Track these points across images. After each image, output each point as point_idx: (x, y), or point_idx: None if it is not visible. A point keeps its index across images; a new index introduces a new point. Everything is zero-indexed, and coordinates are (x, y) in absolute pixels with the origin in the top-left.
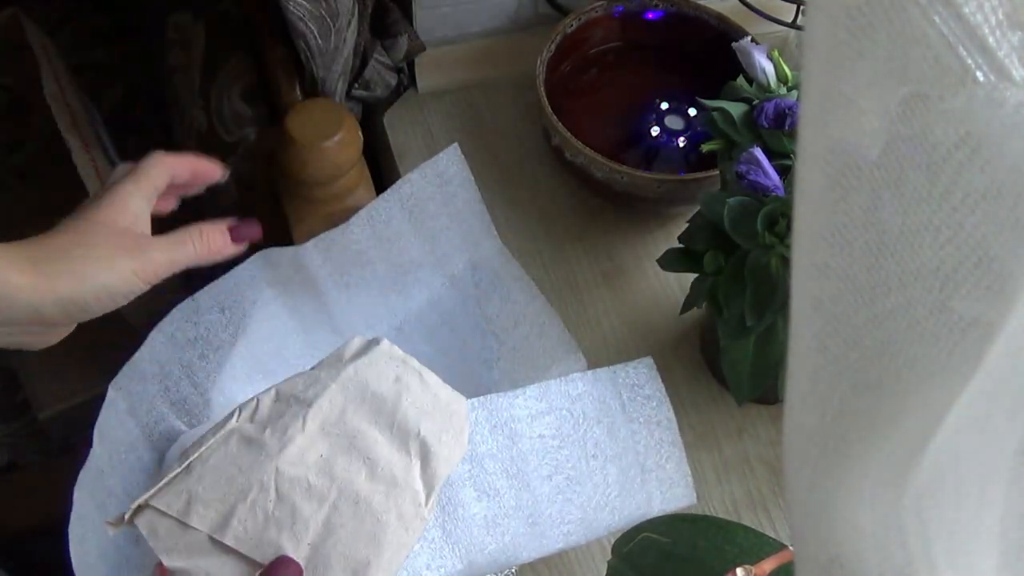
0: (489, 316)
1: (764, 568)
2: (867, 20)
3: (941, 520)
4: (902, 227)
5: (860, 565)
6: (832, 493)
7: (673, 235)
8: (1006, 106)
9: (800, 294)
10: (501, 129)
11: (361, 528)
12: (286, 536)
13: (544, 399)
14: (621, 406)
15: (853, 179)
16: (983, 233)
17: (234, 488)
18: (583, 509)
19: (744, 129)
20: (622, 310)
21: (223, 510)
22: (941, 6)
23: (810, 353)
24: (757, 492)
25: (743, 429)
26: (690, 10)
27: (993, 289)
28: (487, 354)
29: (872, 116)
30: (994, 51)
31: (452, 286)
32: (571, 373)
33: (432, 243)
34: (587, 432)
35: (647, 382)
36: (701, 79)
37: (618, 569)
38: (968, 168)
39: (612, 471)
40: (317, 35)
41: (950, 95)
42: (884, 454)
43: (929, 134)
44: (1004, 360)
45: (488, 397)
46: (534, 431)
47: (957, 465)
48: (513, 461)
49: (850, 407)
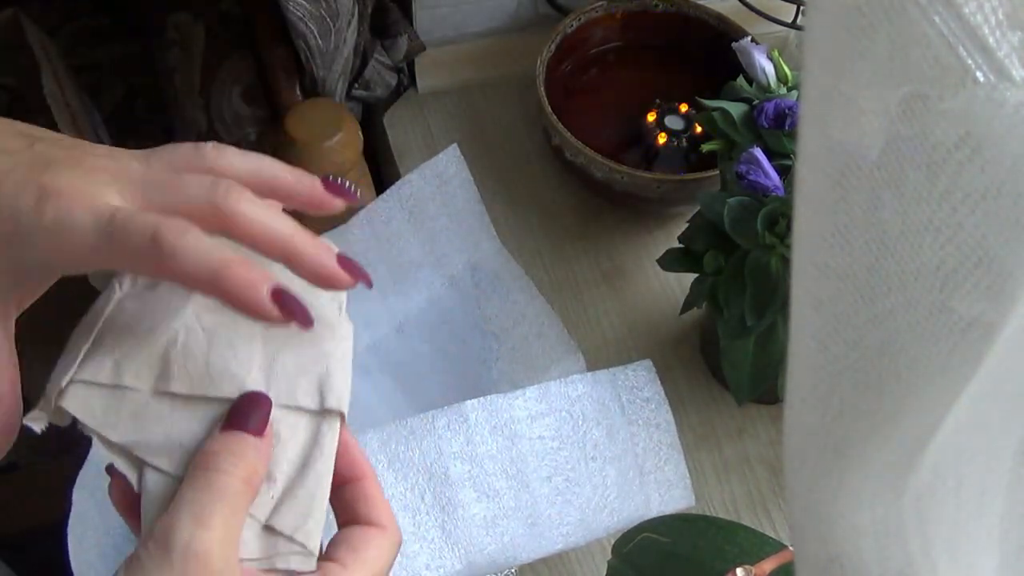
0: (488, 316)
1: (764, 568)
2: (867, 20)
3: (941, 520)
4: (902, 227)
5: (860, 565)
6: (832, 493)
7: (673, 235)
8: (1006, 106)
9: (800, 294)
10: (501, 129)
11: (301, 342)
12: (234, 368)
13: (544, 400)
14: (620, 408)
15: (853, 179)
16: (983, 233)
17: (157, 340)
18: (582, 510)
19: (744, 129)
20: (622, 310)
21: (156, 362)
22: (941, 6)
23: (810, 353)
24: (757, 492)
25: (743, 429)
26: (690, 10)
27: (993, 289)
28: (486, 354)
29: (872, 116)
30: (994, 51)
31: (452, 286)
32: (571, 374)
33: (432, 243)
34: (586, 434)
35: (646, 384)
36: (701, 79)
37: (618, 569)
38: (968, 168)
39: (611, 473)
40: (317, 35)
41: (950, 95)
42: (884, 454)
43: (929, 134)
44: (1004, 360)
45: (489, 398)
46: (534, 432)
47: (957, 465)
48: (513, 462)
49: (850, 407)
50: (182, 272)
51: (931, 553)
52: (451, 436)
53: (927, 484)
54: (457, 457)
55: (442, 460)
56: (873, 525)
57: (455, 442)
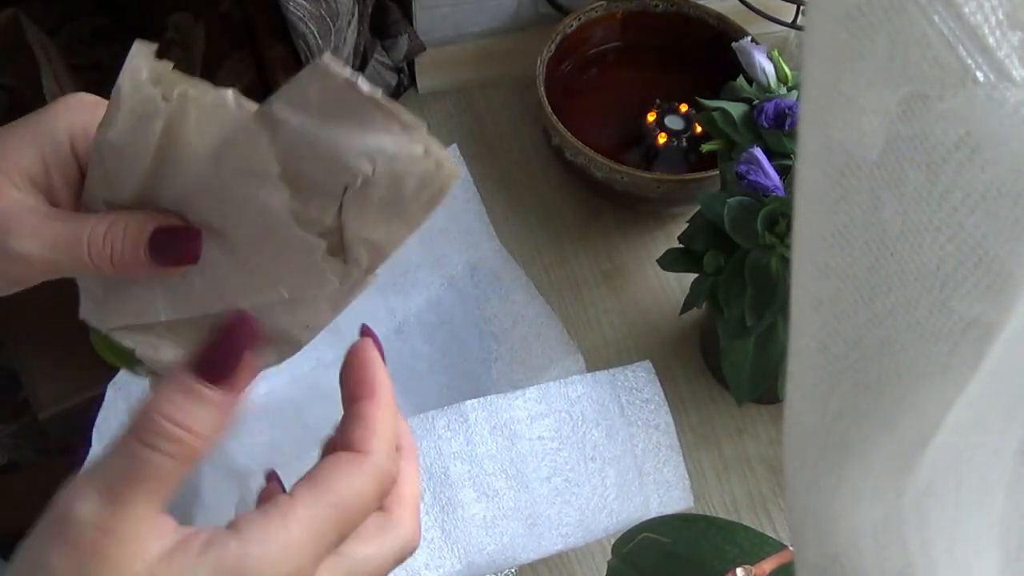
0: (488, 316)
1: (764, 568)
2: (867, 20)
3: (941, 520)
4: (902, 227)
5: (860, 565)
6: (832, 493)
7: (673, 235)
8: (1006, 106)
9: (800, 294)
10: (501, 129)
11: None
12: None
13: (543, 401)
14: (620, 409)
15: (853, 179)
16: (983, 233)
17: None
18: (581, 511)
19: (744, 129)
20: (622, 310)
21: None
22: (941, 6)
23: (810, 353)
24: (757, 492)
25: (743, 429)
26: (690, 10)
27: (993, 289)
28: (485, 354)
29: (872, 116)
30: (994, 51)
31: (451, 286)
32: (570, 374)
33: (431, 244)
34: (586, 434)
35: (646, 385)
36: (701, 79)
37: (618, 569)
38: (968, 168)
39: (610, 473)
40: (317, 35)
41: (950, 95)
42: (884, 454)
43: (929, 134)
44: (1004, 360)
45: (488, 398)
46: (533, 433)
47: (957, 465)
48: (512, 462)
49: (850, 407)
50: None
51: (931, 553)
52: (451, 436)
53: (927, 484)
54: (457, 457)
55: (442, 460)
56: (873, 525)
57: (455, 442)
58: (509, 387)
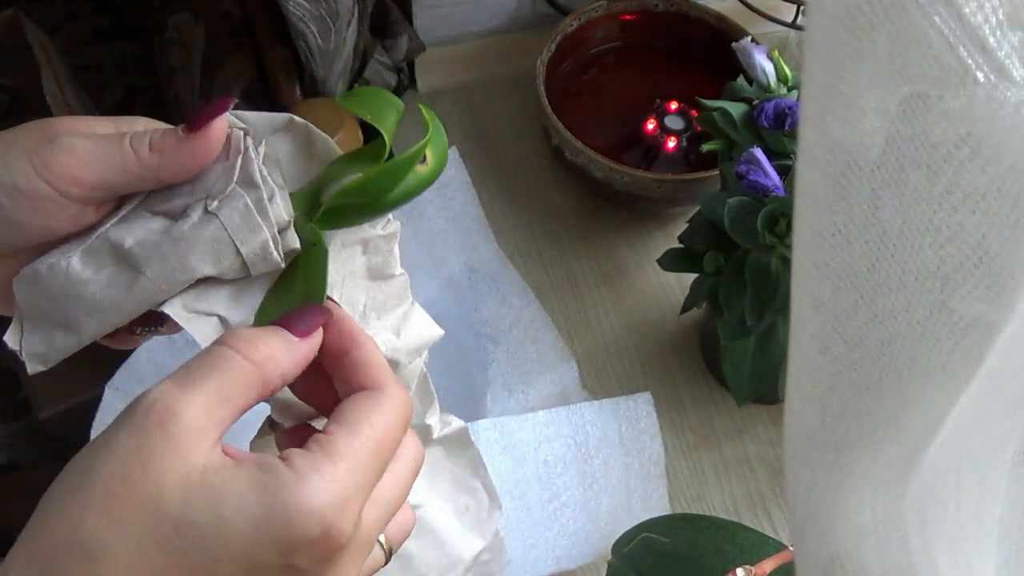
0: (484, 319)
1: (764, 568)
2: (867, 20)
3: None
4: (902, 227)
5: (860, 565)
6: (832, 493)
7: (673, 235)
8: (1006, 106)
9: (800, 294)
10: (501, 129)
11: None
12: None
13: (552, 425)
14: (620, 438)
15: (853, 179)
16: (983, 233)
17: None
18: (575, 535)
19: (744, 129)
20: (622, 310)
21: None
22: (941, 6)
23: (810, 353)
24: (757, 492)
25: (743, 429)
26: (690, 10)
27: (993, 289)
28: (481, 356)
29: (872, 116)
30: (994, 51)
31: (448, 288)
32: (564, 381)
33: (429, 246)
34: (587, 461)
35: (644, 417)
36: (701, 79)
37: (618, 569)
38: (968, 168)
39: (604, 500)
40: (317, 35)
41: (950, 95)
42: (885, 454)
43: (929, 134)
44: (1004, 360)
45: (501, 420)
46: (540, 456)
47: (957, 465)
48: (518, 484)
49: (850, 407)
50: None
51: (931, 553)
52: None
53: (927, 484)
54: None
55: None
56: (873, 525)
57: None
58: (504, 390)
